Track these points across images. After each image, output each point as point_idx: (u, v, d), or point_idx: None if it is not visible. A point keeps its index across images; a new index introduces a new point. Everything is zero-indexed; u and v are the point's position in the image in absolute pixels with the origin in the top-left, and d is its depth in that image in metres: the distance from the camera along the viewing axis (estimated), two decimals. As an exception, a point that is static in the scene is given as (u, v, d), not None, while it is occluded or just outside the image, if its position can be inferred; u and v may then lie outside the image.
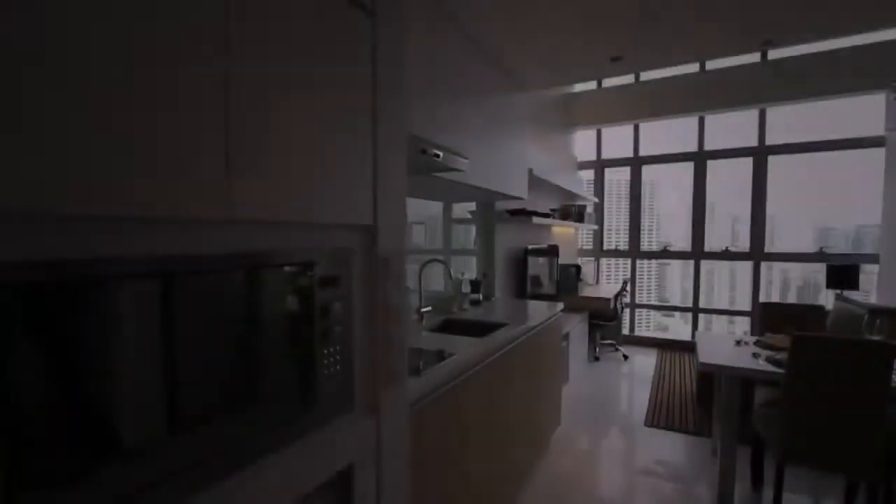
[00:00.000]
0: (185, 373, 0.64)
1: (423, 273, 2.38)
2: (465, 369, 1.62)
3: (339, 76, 0.90)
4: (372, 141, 0.99)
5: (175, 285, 0.63)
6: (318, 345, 0.87)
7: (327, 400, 0.90)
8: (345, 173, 0.91)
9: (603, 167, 5.82)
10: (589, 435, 3.04)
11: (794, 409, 1.87)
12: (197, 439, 0.66)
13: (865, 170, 4.56)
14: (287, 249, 0.81)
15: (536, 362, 2.45)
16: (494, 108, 2.52)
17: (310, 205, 0.82)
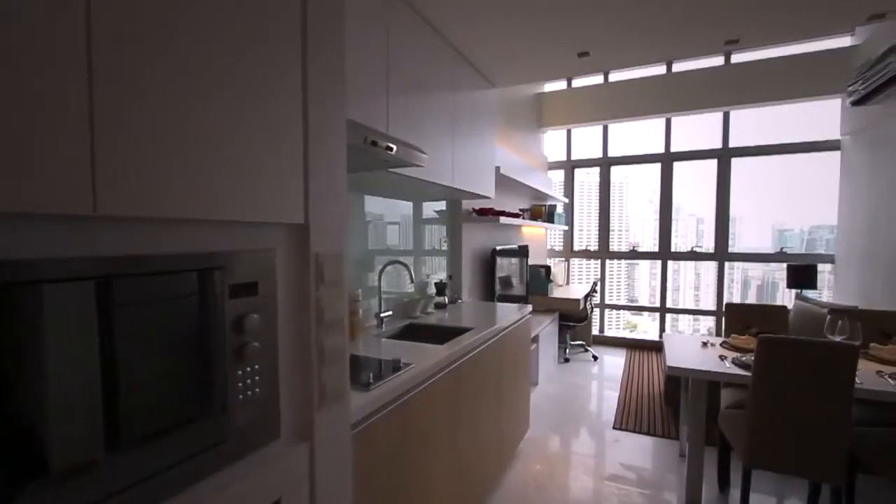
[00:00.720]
0: (49, 408, 0.50)
1: (382, 276, 2.24)
2: (423, 380, 1.50)
3: (254, 38, 0.77)
4: (303, 125, 0.86)
5: (21, 298, 0.48)
6: (231, 365, 0.73)
7: (244, 428, 0.77)
8: (263, 161, 0.77)
9: (573, 168, 5.81)
10: (558, 440, 2.98)
11: (759, 416, 1.84)
12: (76, 485, 0.52)
13: (822, 173, 4.71)
14: (176, 252, 0.66)
15: (504, 367, 2.36)
16: (460, 103, 2.41)
17: (212, 198, 0.68)
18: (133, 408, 0.60)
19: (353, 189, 2.16)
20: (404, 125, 1.84)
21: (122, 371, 0.58)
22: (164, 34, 0.62)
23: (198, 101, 0.66)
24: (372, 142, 1.29)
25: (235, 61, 0.72)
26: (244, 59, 0.73)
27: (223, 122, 0.70)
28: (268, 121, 0.78)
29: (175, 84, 0.63)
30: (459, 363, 1.80)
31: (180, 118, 0.64)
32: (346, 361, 1.01)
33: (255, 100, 0.75)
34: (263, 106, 0.77)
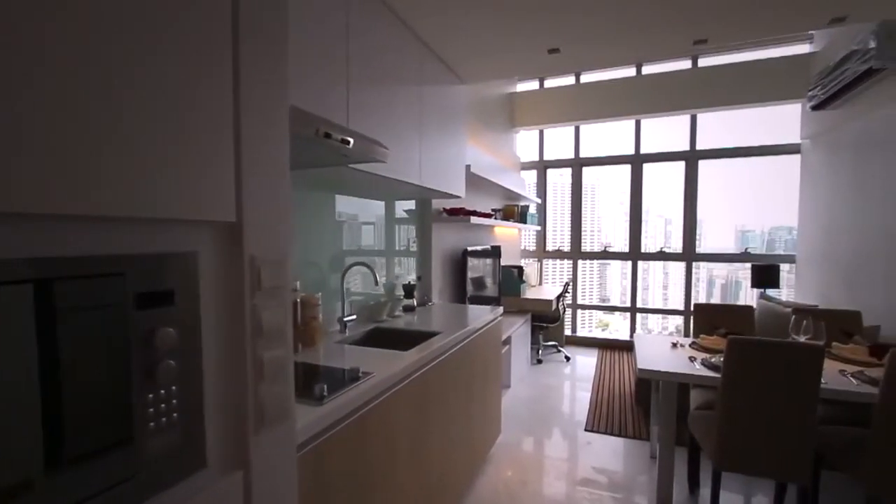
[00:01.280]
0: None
1: (349, 278, 2.13)
2: (384, 389, 1.41)
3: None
4: (233, 110, 0.75)
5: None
6: (139, 387, 0.62)
7: (158, 460, 0.66)
8: (182, 148, 0.66)
9: (545, 168, 5.82)
10: (530, 443, 2.93)
11: (729, 418, 1.82)
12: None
13: (782, 175, 4.86)
14: (51, 256, 0.54)
15: (474, 372, 2.29)
16: (427, 98, 2.33)
17: (107, 189, 0.57)
18: (6, 451, 0.49)
19: (323, 188, 2.04)
20: (366, 119, 1.74)
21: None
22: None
23: (90, 74, 0.55)
24: (325, 133, 1.18)
25: (153, 33, 0.61)
26: (155, 29, 0.63)
27: (124, 92, 0.58)
28: (187, 101, 0.67)
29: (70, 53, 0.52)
30: (425, 370, 1.71)
31: (63, 110, 0.52)
32: (289, 376, 0.90)
33: (167, 73, 0.64)
34: (180, 83, 0.66)
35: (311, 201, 1.98)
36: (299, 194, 1.90)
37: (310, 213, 1.97)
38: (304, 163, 1.60)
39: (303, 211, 1.93)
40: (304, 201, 1.94)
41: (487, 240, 4.38)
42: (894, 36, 2.73)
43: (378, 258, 2.59)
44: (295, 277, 1.69)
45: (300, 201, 1.91)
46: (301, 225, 1.91)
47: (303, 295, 1.73)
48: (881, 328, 2.83)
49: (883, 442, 1.66)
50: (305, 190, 1.94)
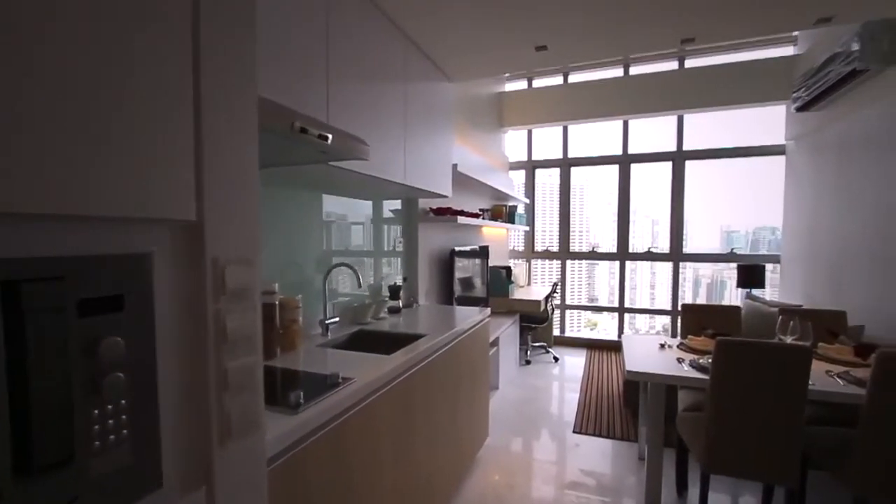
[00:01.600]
0: None
1: (334, 279, 2.07)
2: (365, 395, 1.35)
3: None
4: (193, 94, 0.69)
5: None
6: (80, 402, 0.56)
7: (105, 480, 0.60)
8: (129, 139, 0.60)
9: (534, 168, 5.80)
10: (518, 446, 2.89)
11: (718, 421, 1.80)
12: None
13: (766, 176, 4.91)
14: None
15: (461, 375, 2.24)
16: (413, 96, 2.28)
17: (41, 182, 0.51)
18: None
19: (305, 187, 1.98)
20: (347, 116, 1.68)
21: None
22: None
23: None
24: (301, 128, 1.13)
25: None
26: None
27: (64, 72, 0.53)
28: (139, 85, 0.61)
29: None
30: (410, 373, 1.66)
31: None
32: (257, 385, 0.85)
33: (113, 51, 0.58)
34: (130, 62, 0.60)
35: (292, 200, 1.91)
36: (280, 193, 1.84)
37: (292, 213, 1.91)
38: (283, 160, 1.54)
39: (284, 210, 1.86)
40: (286, 200, 1.87)
41: (475, 240, 4.35)
42: (877, 38, 2.75)
43: (364, 258, 2.53)
44: (274, 279, 1.63)
45: (281, 200, 1.84)
46: (282, 225, 1.85)
47: (282, 297, 1.67)
48: (865, 328, 2.85)
49: (869, 443, 1.66)
50: (287, 188, 1.87)
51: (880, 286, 2.95)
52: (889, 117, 2.88)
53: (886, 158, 2.90)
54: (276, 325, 1.61)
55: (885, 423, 1.62)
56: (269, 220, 1.78)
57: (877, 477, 1.66)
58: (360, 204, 2.47)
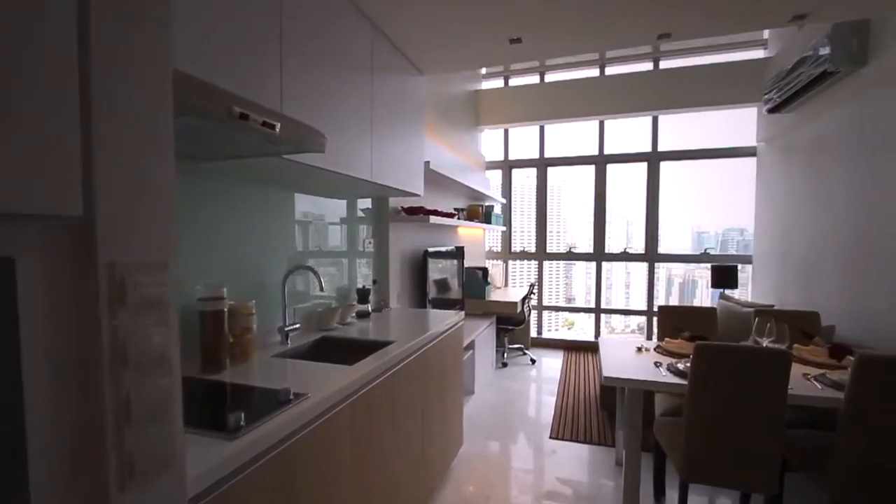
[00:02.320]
0: None
1: (291, 283, 1.93)
2: (321, 413, 1.22)
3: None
4: (78, 60, 0.56)
5: None
6: None
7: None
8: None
9: (510, 168, 5.74)
10: (493, 454, 2.79)
11: (696, 429, 1.74)
12: None
13: (736, 177, 4.98)
14: None
15: (432, 382, 2.13)
16: (380, 88, 2.15)
17: None
18: None
19: (262, 183, 1.83)
20: (304, 105, 1.55)
21: None
22: None
23: None
24: (241, 114, 0.99)
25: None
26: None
27: None
28: None
29: None
30: (373, 385, 1.54)
31: None
32: (173, 414, 0.71)
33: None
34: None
35: (247, 197, 1.76)
36: (233, 189, 1.68)
37: (247, 211, 1.76)
38: (229, 152, 1.40)
39: (237, 208, 1.71)
40: (240, 197, 1.72)
41: (451, 240, 4.24)
42: (847, 39, 2.77)
43: (331, 260, 2.39)
44: (223, 284, 1.48)
45: (234, 197, 1.69)
46: (234, 224, 1.70)
47: (232, 303, 1.52)
48: (836, 328, 2.86)
49: (848, 447, 1.62)
50: (241, 184, 1.72)
51: (850, 286, 2.98)
52: (858, 118, 2.91)
53: (856, 159, 2.93)
54: (225, 335, 1.46)
55: (864, 427, 1.59)
56: (216, 218, 1.62)
57: (855, 480, 1.63)
58: (327, 202, 2.33)
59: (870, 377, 1.56)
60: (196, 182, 1.53)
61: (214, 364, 1.42)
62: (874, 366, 1.55)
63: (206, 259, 1.57)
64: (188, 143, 1.23)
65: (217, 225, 1.62)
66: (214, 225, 1.61)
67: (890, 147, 2.61)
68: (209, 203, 1.59)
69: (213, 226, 1.60)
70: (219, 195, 1.63)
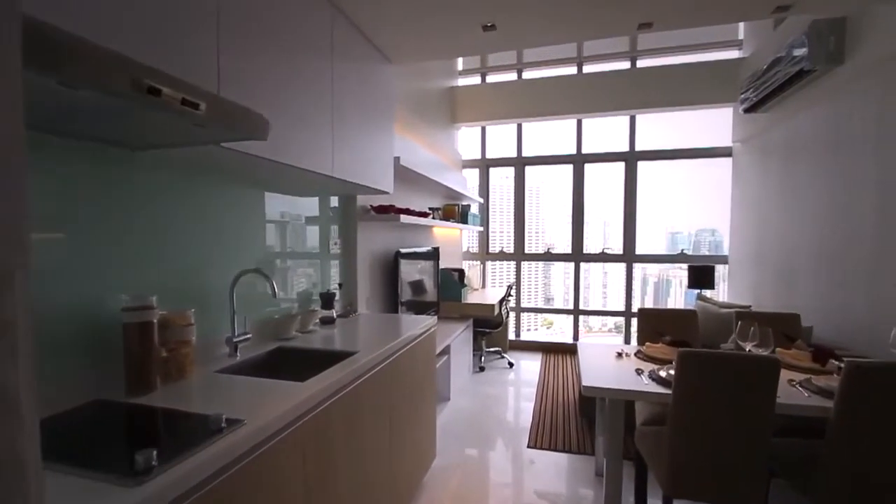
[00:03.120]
0: None
1: (244, 288, 1.74)
2: (260, 442, 1.05)
3: None
4: None
5: None
6: None
7: None
8: None
9: (488, 167, 5.62)
10: (469, 466, 2.64)
11: (680, 440, 1.63)
12: None
13: (710, 178, 4.99)
14: None
15: (401, 393, 1.97)
16: (346, 75, 1.98)
17: None
18: None
19: (210, 177, 1.64)
20: (250, 90, 1.37)
21: None
22: None
23: None
24: (150, 88, 0.82)
25: None
26: None
27: None
28: None
29: None
30: (331, 402, 1.37)
31: None
32: (23, 471, 0.54)
33: None
34: None
35: (195, 193, 1.57)
36: (180, 184, 1.49)
37: (194, 209, 1.57)
38: (160, 139, 1.21)
39: (184, 206, 1.52)
40: (186, 193, 1.53)
41: (426, 241, 4.08)
42: (824, 38, 2.74)
43: (292, 262, 2.20)
44: (151, 292, 1.29)
45: (180, 193, 1.50)
46: (178, 223, 1.50)
47: (163, 314, 1.33)
48: (814, 329, 2.83)
49: (837, 457, 1.53)
50: (186, 178, 1.53)
51: (827, 287, 2.95)
52: (834, 117, 2.89)
53: (832, 158, 2.91)
54: (155, 349, 1.27)
55: (854, 437, 1.51)
56: (155, 216, 1.43)
57: (844, 491, 1.54)
58: (288, 200, 2.14)
59: (860, 386, 1.47)
60: (129, 173, 1.34)
61: (142, 384, 1.23)
62: (864, 374, 1.47)
63: (139, 262, 1.37)
64: (102, 124, 1.04)
65: (155, 223, 1.43)
66: (152, 223, 1.41)
67: (864, 146, 2.58)
68: (147, 198, 1.40)
69: (151, 224, 1.41)
70: (159, 190, 1.43)
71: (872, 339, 2.46)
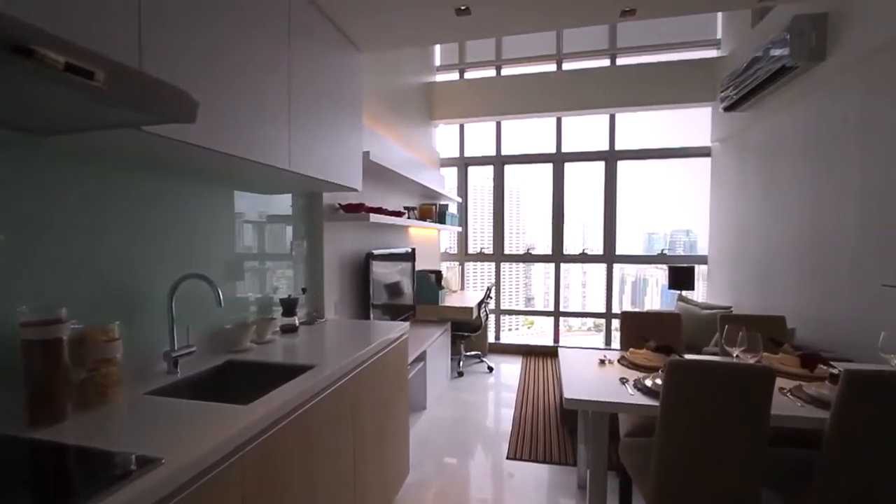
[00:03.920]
0: None
1: (176, 296, 1.54)
2: (181, 485, 0.87)
3: None
4: None
5: None
6: None
7: None
8: None
9: (466, 165, 5.48)
10: (444, 482, 2.48)
11: (669, 457, 1.51)
12: None
13: (687, 178, 4.97)
14: None
15: (369, 408, 1.80)
16: (305, 61, 1.80)
17: None
18: None
19: (175, 174, 1.44)
20: (182, 69, 1.18)
21: None
22: None
23: None
24: (18, 47, 0.63)
25: None
26: None
27: None
28: None
29: None
30: (279, 428, 1.19)
31: None
32: None
33: None
34: None
35: (126, 188, 1.37)
36: (107, 178, 1.28)
37: (124, 206, 1.36)
38: (59, 123, 1.01)
39: (111, 202, 1.32)
40: (114, 188, 1.33)
41: (401, 242, 3.91)
42: (806, 34, 2.69)
43: (248, 266, 2.00)
44: (68, 301, 1.09)
45: (106, 188, 1.29)
46: (102, 222, 1.30)
47: (79, 328, 1.13)
48: (796, 331, 2.78)
49: (835, 472, 1.43)
50: (115, 171, 1.33)
51: (808, 287, 2.91)
52: (816, 114, 2.84)
53: (813, 156, 2.86)
54: (65, 371, 1.07)
55: (853, 449, 1.41)
56: (72, 213, 1.23)
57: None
58: (244, 197, 1.95)
59: (858, 396, 1.38)
60: (39, 162, 1.13)
61: (47, 413, 1.03)
62: (862, 383, 1.37)
63: (53, 268, 1.17)
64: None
65: (75, 222, 1.22)
66: (70, 222, 1.21)
67: (846, 143, 2.53)
68: (62, 192, 1.19)
69: (69, 223, 1.21)
70: (77, 182, 1.23)
71: (855, 340, 2.41)
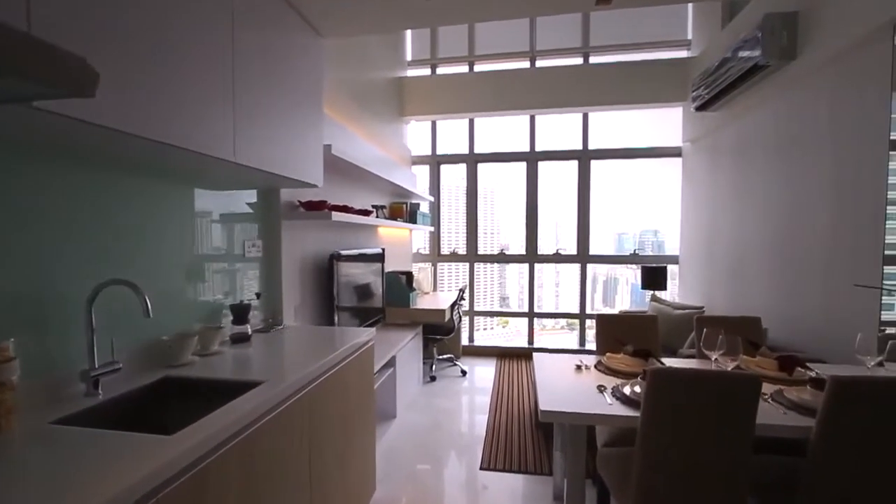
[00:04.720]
0: None
1: (108, 305, 1.34)
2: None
3: None
4: None
5: None
6: None
7: None
8: None
9: (438, 164, 5.34)
10: (414, 498, 2.33)
11: (651, 471, 1.41)
12: None
13: (657, 179, 4.99)
14: None
15: (328, 425, 1.64)
16: (251, 42, 1.62)
17: None
18: None
19: (126, 170, 1.23)
20: (83, 35, 0.99)
21: None
22: None
23: None
24: None
25: None
26: None
27: None
28: None
29: None
30: (210, 461, 1.02)
31: None
32: None
33: None
34: None
35: (22, 178, 1.16)
36: (24, 177, 1.08)
37: (27, 202, 1.16)
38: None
39: (17, 196, 1.11)
40: (21, 180, 1.12)
41: (370, 242, 3.74)
42: (777, 32, 2.67)
43: (193, 270, 1.80)
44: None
45: (9, 183, 1.09)
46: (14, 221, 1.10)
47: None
48: (768, 331, 2.76)
49: (822, 482, 1.37)
50: (25, 161, 1.12)
51: (778, 287, 2.90)
52: (787, 113, 2.84)
53: (785, 155, 2.86)
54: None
55: (840, 458, 1.34)
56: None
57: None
58: (192, 194, 1.75)
59: (845, 403, 1.31)
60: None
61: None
62: (850, 390, 1.30)
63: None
64: None
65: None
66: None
67: (817, 142, 2.53)
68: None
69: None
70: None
71: (827, 340, 2.39)
